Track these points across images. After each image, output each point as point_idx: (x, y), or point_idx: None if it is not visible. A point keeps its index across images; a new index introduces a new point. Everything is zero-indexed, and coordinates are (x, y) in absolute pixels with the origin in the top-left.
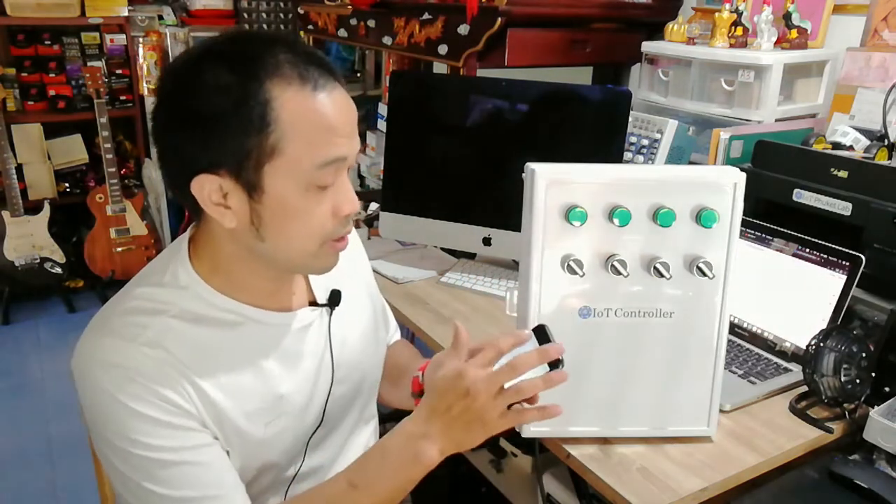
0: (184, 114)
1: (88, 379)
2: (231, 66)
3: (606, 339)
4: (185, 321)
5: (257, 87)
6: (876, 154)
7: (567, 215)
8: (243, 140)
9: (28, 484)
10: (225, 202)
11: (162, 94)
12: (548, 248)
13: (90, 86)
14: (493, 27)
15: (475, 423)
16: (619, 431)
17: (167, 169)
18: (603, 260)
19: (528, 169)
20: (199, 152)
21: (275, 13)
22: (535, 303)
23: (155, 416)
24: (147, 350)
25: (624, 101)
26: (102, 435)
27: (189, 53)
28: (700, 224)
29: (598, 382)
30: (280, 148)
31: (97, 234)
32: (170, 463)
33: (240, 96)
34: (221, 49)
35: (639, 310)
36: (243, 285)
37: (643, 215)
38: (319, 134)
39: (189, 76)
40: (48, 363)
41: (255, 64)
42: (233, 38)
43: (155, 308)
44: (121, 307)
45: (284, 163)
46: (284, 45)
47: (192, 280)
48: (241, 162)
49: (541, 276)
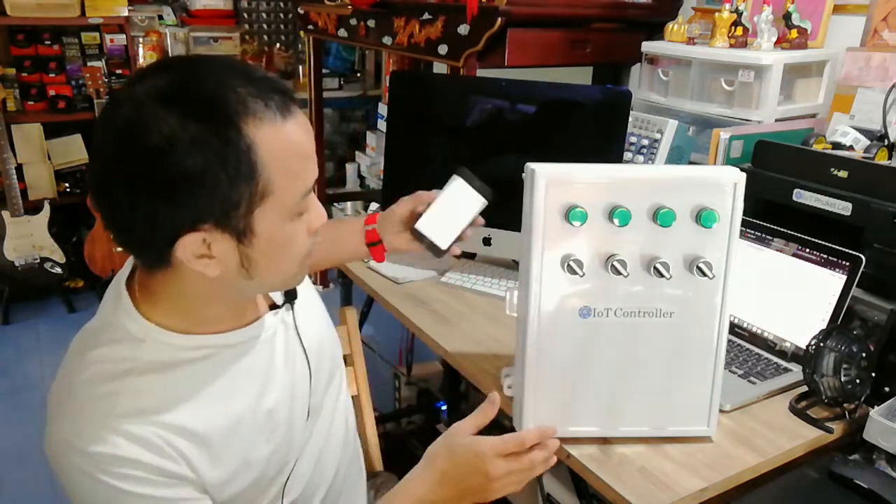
0: (154, 177)
1: (68, 466)
2: (198, 115)
3: (606, 338)
4: (155, 373)
5: (235, 134)
6: (876, 154)
7: (567, 215)
8: (232, 191)
9: (28, 484)
10: (209, 253)
11: (113, 161)
12: (548, 248)
13: (90, 86)
14: (493, 27)
15: (478, 495)
16: (619, 431)
17: (135, 237)
18: (603, 260)
19: (528, 169)
20: (180, 213)
21: (275, 13)
22: (535, 303)
23: (149, 493)
24: (125, 424)
25: (624, 101)
26: None
27: (130, 107)
28: (700, 224)
29: (598, 382)
30: (269, 190)
31: (97, 234)
32: None
33: (221, 148)
34: (173, 95)
35: (639, 310)
36: (207, 319)
37: (643, 215)
38: (298, 164)
39: (149, 136)
40: (48, 363)
41: (223, 107)
42: (178, 79)
43: (119, 369)
44: (81, 377)
45: (273, 202)
46: (238, 76)
47: (147, 329)
48: (229, 212)
49: (541, 276)
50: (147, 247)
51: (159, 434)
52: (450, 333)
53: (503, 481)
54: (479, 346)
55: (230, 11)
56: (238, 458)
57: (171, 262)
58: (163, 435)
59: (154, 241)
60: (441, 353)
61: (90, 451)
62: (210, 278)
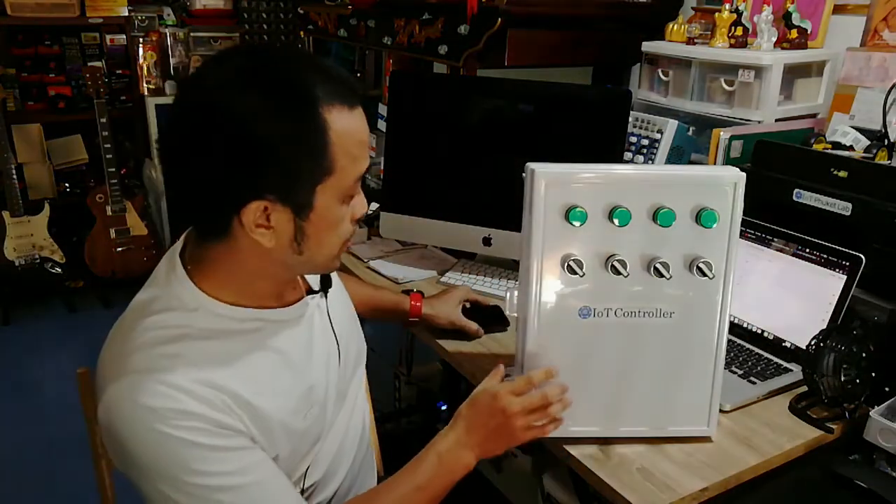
0: (234, 148)
1: (133, 423)
2: (279, 94)
3: (607, 339)
4: (208, 339)
5: (313, 114)
6: (876, 154)
7: (567, 215)
8: (302, 165)
9: (28, 484)
10: (267, 223)
11: (193, 128)
12: (548, 248)
13: (90, 86)
14: (493, 27)
15: (505, 437)
16: (620, 431)
17: (204, 203)
18: (603, 260)
19: (528, 169)
20: (251, 181)
21: (275, 13)
22: (534, 303)
23: (210, 443)
24: (186, 382)
25: (624, 101)
26: (157, 472)
27: (213, 83)
28: (700, 224)
29: (599, 382)
30: (332, 169)
31: (97, 235)
32: (233, 487)
33: (299, 124)
34: (256, 75)
35: (639, 310)
36: (255, 293)
37: (643, 215)
38: (358, 149)
39: (231, 108)
40: (48, 363)
41: (304, 89)
42: (259, 62)
43: (175, 334)
44: (138, 341)
45: (334, 181)
46: (312, 65)
47: (200, 300)
48: (294, 185)
49: (541, 276)
50: (212, 212)
51: (216, 394)
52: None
53: (525, 419)
54: (479, 346)
55: (230, 11)
56: (280, 429)
57: (229, 231)
58: (219, 395)
59: (221, 207)
60: (441, 353)
61: (154, 405)
62: (262, 252)
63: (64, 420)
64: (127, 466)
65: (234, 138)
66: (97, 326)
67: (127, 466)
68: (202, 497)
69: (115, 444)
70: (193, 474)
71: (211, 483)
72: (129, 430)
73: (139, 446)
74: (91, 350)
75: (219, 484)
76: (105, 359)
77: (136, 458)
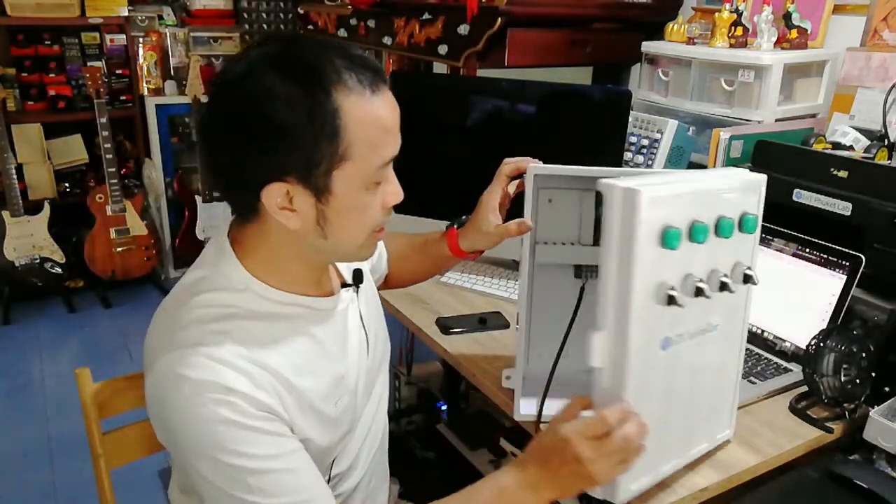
0: (252, 127)
1: (177, 396)
2: (296, 76)
3: (678, 367)
4: (255, 320)
5: (325, 98)
6: (876, 154)
7: (663, 238)
8: (315, 149)
9: (28, 484)
10: (291, 206)
11: (221, 107)
12: (642, 279)
13: (90, 86)
14: (493, 27)
15: (581, 481)
16: (662, 473)
17: (227, 181)
18: (684, 282)
19: (607, 186)
20: (269, 163)
21: (275, 13)
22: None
23: (253, 424)
24: (233, 359)
25: (624, 101)
26: (194, 447)
27: (244, 65)
28: (743, 230)
29: (662, 419)
30: (348, 154)
31: (97, 234)
32: (264, 471)
33: (311, 107)
34: (280, 59)
35: (700, 329)
36: (295, 279)
37: (711, 228)
38: (379, 136)
39: (253, 89)
40: (48, 363)
41: (319, 73)
42: (287, 47)
43: (223, 313)
44: (188, 317)
45: (351, 167)
46: (338, 52)
47: (248, 281)
48: (311, 169)
49: (636, 313)
50: (238, 191)
51: (260, 371)
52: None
53: (603, 463)
54: (479, 346)
55: (230, 11)
56: (315, 415)
57: (257, 212)
58: (263, 373)
59: (244, 186)
60: (441, 353)
61: (199, 378)
62: (291, 233)
63: (64, 420)
64: (168, 440)
65: (252, 118)
66: (97, 326)
67: (168, 440)
68: (233, 478)
69: (159, 417)
70: (228, 453)
71: (244, 464)
72: (173, 403)
73: (181, 420)
74: (91, 350)
75: (251, 466)
76: (153, 335)
77: (177, 431)
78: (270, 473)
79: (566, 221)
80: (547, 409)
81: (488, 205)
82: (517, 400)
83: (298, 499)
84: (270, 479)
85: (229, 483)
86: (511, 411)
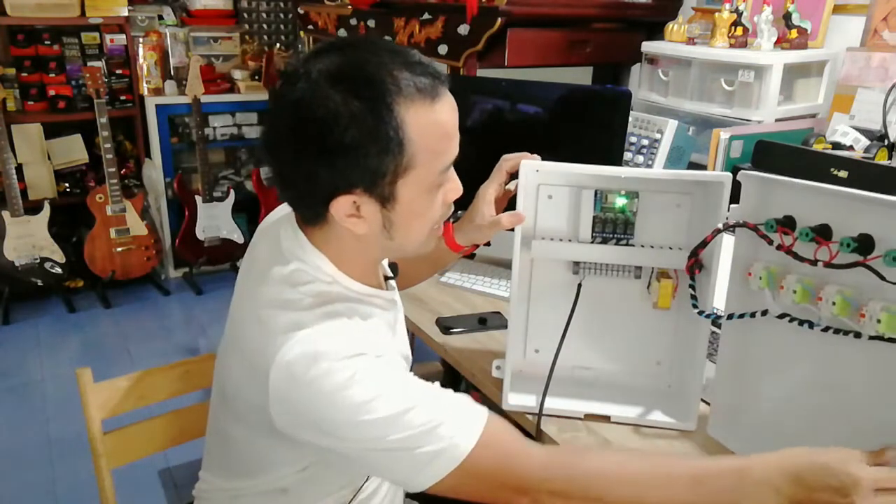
0: (319, 145)
1: (329, 376)
2: (358, 94)
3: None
4: (354, 303)
5: (388, 113)
6: (876, 154)
7: None
8: (380, 163)
9: (28, 484)
10: (358, 213)
11: (285, 126)
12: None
13: (90, 86)
14: (493, 27)
15: None
16: None
17: (298, 193)
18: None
19: None
20: (337, 178)
21: (275, 13)
22: None
23: (404, 372)
24: (360, 326)
25: (624, 101)
26: (364, 421)
27: (304, 84)
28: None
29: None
30: (413, 163)
31: (97, 234)
32: (426, 400)
33: (375, 125)
34: (340, 76)
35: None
36: (363, 272)
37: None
38: (442, 143)
39: (317, 110)
40: (48, 363)
41: (380, 88)
42: (345, 61)
43: (330, 299)
44: (299, 305)
45: (415, 175)
46: (397, 59)
47: (335, 274)
48: (377, 180)
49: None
50: (307, 202)
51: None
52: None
53: None
54: (479, 346)
55: (230, 11)
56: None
57: (326, 218)
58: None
59: (314, 199)
60: (441, 352)
61: (347, 348)
62: (357, 237)
63: (64, 420)
64: (301, 423)
65: (319, 139)
66: (97, 326)
67: (301, 423)
68: (410, 424)
69: (294, 399)
70: (401, 403)
71: (414, 404)
72: (319, 384)
73: (336, 396)
74: (91, 350)
75: (418, 402)
76: (259, 332)
77: (335, 409)
78: (432, 400)
79: (565, 217)
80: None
81: (484, 197)
82: (505, 390)
83: (450, 408)
84: (432, 405)
85: (405, 429)
86: (498, 398)
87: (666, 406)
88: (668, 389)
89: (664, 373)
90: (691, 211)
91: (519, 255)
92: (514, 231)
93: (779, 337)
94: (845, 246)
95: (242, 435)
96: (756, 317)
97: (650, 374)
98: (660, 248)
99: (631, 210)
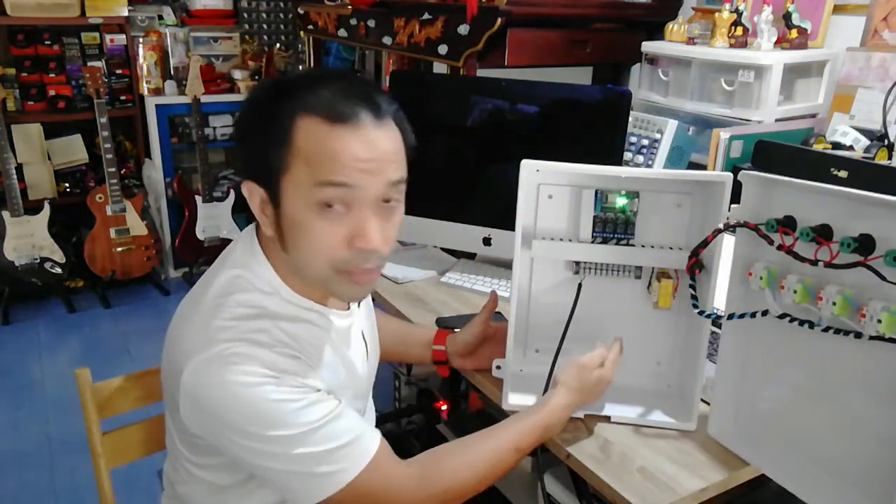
0: (239, 131)
1: (230, 388)
2: (278, 95)
3: None
4: (285, 321)
5: (288, 116)
6: (876, 154)
7: None
8: (266, 151)
9: (28, 484)
10: (264, 210)
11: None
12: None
13: (90, 86)
14: (493, 27)
15: (596, 394)
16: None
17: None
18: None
19: None
20: (244, 159)
21: (275, 13)
22: None
23: (307, 398)
24: (278, 350)
25: (624, 101)
26: (255, 432)
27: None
28: None
29: None
30: (292, 164)
31: (97, 234)
32: (322, 425)
33: (274, 120)
34: (283, 81)
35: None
36: (304, 285)
37: None
38: (326, 160)
39: (248, 100)
40: (48, 363)
41: (294, 95)
42: (302, 73)
43: (259, 312)
44: (227, 314)
45: (292, 177)
46: (336, 82)
47: (276, 285)
48: (266, 173)
49: None
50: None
51: (301, 362)
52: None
53: (608, 379)
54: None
55: (230, 11)
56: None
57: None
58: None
59: (241, 180)
60: None
61: (253, 368)
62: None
63: (64, 420)
64: (207, 427)
65: (240, 123)
66: (97, 326)
67: (207, 427)
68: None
69: (199, 404)
70: (292, 427)
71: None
72: (220, 393)
73: (229, 406)
74: (91, 350)
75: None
76: (188, 329)
77: (228, 416)
78: (328, 423)
79: (565, 217)
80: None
81: (469, 327)
82: (505, 390)
83: (355, 433)
84: (329, 428)
85: (292, 445)
86: (497, 399)
87: (666, 406)
88: (668, 389)
89: (664, 373)
90: (692, 211)
91: (519, 254)
92: (514, 231)
93: (779, 337)
94: (846, 246)
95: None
96: (756, 317)
97: (650, 374)
98: (660, 248)
99: (631, 210)
